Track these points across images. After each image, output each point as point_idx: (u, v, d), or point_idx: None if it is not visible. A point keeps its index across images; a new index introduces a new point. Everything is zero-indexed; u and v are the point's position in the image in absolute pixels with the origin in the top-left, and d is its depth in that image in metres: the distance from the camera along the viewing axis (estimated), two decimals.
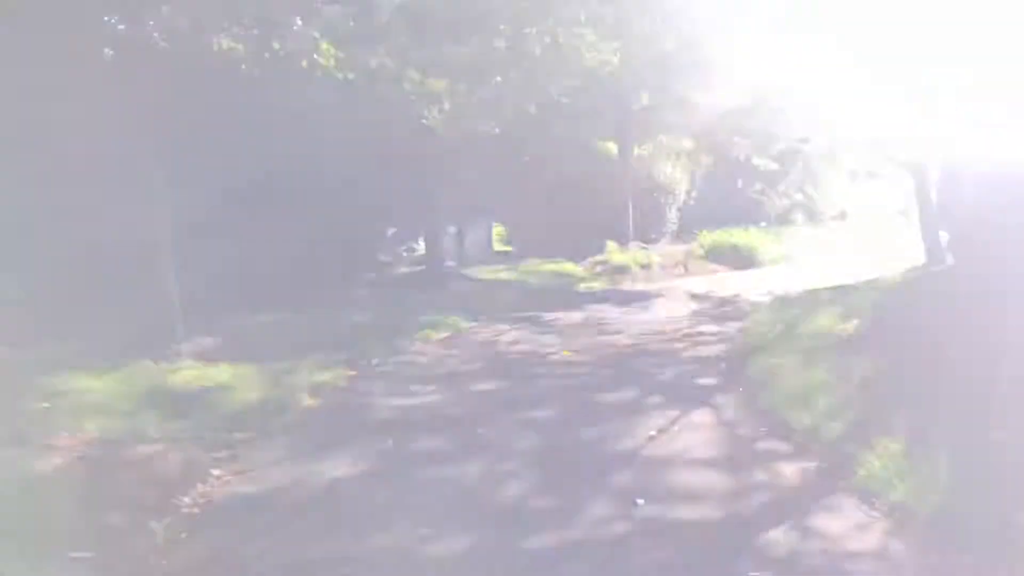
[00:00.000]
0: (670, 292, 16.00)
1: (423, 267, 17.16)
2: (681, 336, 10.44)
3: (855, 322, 9.03)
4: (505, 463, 5.35)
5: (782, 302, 12.61)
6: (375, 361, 9.20)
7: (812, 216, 67.65)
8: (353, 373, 8.51)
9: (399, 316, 11.81)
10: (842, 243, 48.19)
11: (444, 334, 11.05)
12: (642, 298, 15.07)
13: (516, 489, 4.91)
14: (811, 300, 12.09)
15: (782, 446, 5.56)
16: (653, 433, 5.90)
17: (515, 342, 10.30)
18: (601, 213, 22.37)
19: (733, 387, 7.37)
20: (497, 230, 43.43)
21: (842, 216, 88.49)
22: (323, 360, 8.79)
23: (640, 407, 6.75)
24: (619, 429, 6.09)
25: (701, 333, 10.65)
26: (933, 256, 14.17)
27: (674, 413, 6.44)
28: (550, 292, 15.90)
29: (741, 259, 22.97)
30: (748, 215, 35.84)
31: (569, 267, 19.12)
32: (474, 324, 12.06)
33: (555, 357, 9.21)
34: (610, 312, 13.00)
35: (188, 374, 7.83)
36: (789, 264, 25.93)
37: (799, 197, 51.07)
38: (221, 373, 7.84)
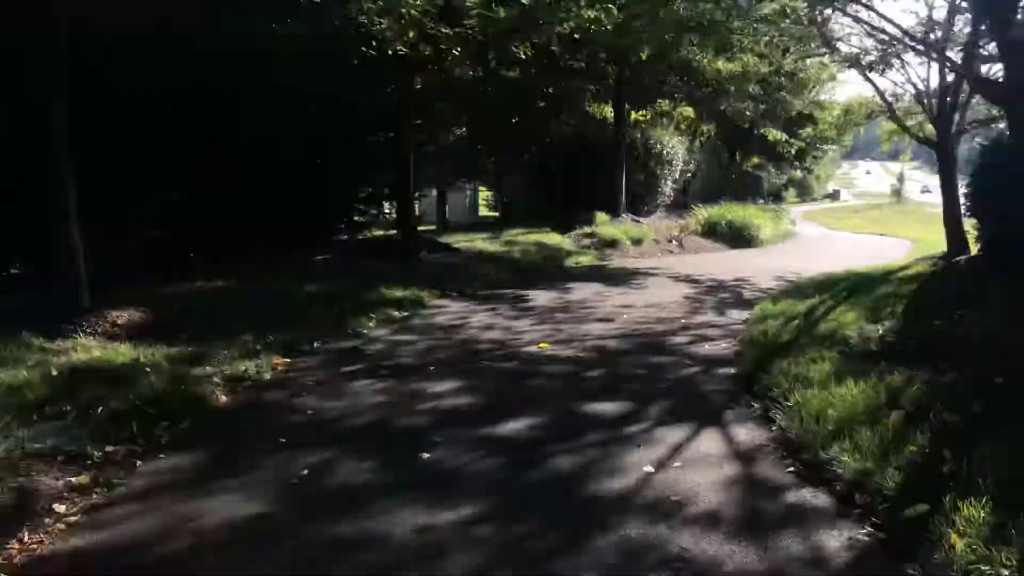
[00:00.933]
0: (664, 271, 14.62)
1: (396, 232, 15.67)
2: (679, 328, 9.04)
3: (889, 323, 7.67)
4: (449, 510, 3.95)
5: (795, 288, 11.25)
6: (317, 345, 7.78)
7: (804, 194, 66.67)
8: (286, 361, 7.08)
9: (360, 288, 10.37)
10: (841, 223, 47.14)
11: (406, 313, 9.63)
12: (634, 277, 13.65)
13: (461, 563, 3.49)
14: (825, 289, 10.73)
15: (820, 499, 4.17)
16: (649, 469, 4.51)
17: (487, 327, 8.87)
18: (592, 181, 20.91)
19: (746, 401, 5.98)
20: (485, 194, 42.04)
21: (834, 196, 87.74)
22: (255, 342, 7.37)
23: (632, 426, 5.35)
24: (605, 459, 4.69)
25: (702, 325, 9.25)
26: (957, 244, 12.84)
27: (676, 437, 5.05)
28: (532, 266, 14.50)
29: (739, 237, 21.67)
30: (747, 190, 34.46)
31: (555, 238, 17.67)
32: (443, 302, 10.64)
33: (532, 349, 7.79)
34: (595, 293, 11.58)
35: (77, 357, 6.36)
36: (789, 243, 24.63)
37: (797, 174, 49.76)
38: (118, 357, 6.38)
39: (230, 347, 7.14)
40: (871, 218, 55.39)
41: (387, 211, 20.51)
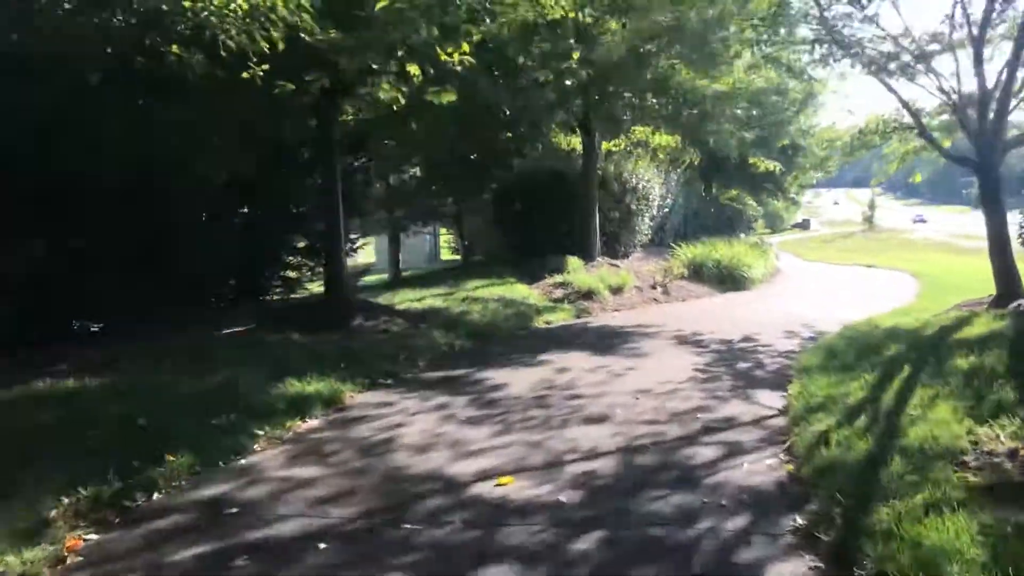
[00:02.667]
0: (656, 329, 12.06)
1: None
2: (700, 429, 6.43)
3: (1011, 424, 5.19)
4: None
5: (829, 355, 8.73)
6: (156, 497, 5.07)
7: (773, 224, 65.09)
8: (88, 541, 4.36)
9: (254, 380, 7.67)
10: (819, 253, 45.33)
11: (314, 422, 6.93)
12: (623, 341, 11.07)
13: None
14: (868, 355, 8.25)
15: None
16: None
17: (423, 445, 6.16)
18: (561, 220, 18.45)
19: None
20: (448, 236, 39.40)
21: (804, 225, 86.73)
22: (54, 500, 4.68)
23: None
24: None
25: (730, 422, 6.65)
26: (1007, 283, 10.47)
27: None
28: (496, 330, 11.86)
29: (727, 278, 19.29)
30: (726, 224, 32.31)
31: (522, 290, 15.10)
32: (371, 396, 7.94)
33: (489, 487, 5.14)
34: (580, 370, 8.94)
35: None
36: (779, 282, 22.32)
37: (778, 205, 47.94)
38: None
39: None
40: (847, 247, 53.89)
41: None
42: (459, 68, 8.75)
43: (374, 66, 9.20)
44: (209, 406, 6.75)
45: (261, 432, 6.37)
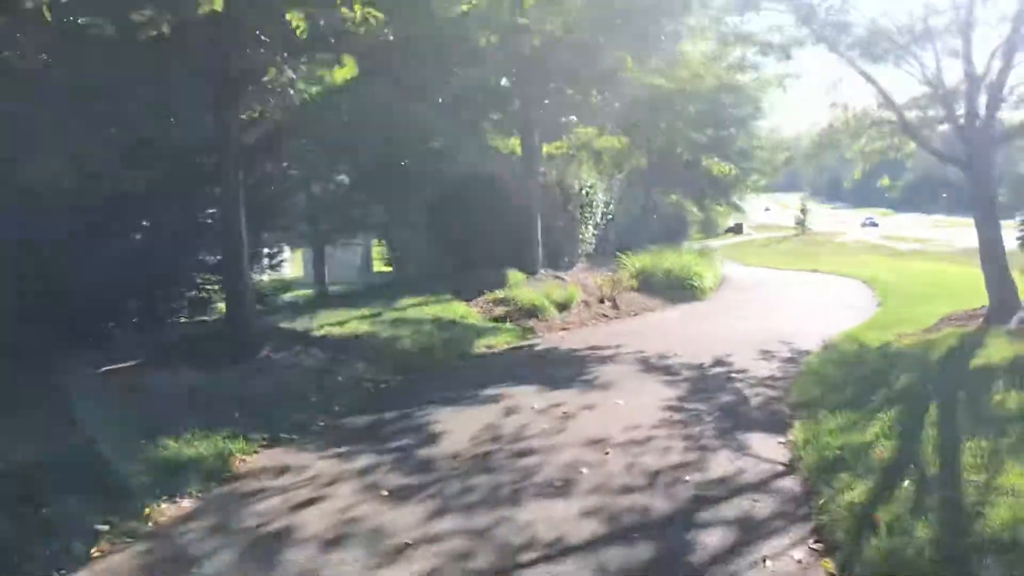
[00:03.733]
0: (615, 351, 10.62)
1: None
2: (691, 497, 4.99)
3: None
4: None
5: (823, 385, 7.42)
6: None
7: (707, 229, 64.99)
8: None
9: (116, 442, 5.92)
10: (758, 258, 44.86)
11: (180, 505, 5.22)
12: (577, 368, 9.55)
13: None
14: (874, 383, 6.98)
15: None
16: None
17: (331, 540, 4.51)
18: (500, 230, 16.94)
19: None
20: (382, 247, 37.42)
21: (737, 230, 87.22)
22: None
23: None
24: None
25: (727, 483, 5.22)
26: (1002, 294, 9.36)
27: None
28: (430, 359, 10.25)
29: (678, 289, 18.04)
30: (670, 231, 31.30)
31: (459, 309, 13.53)
32: (269, 459, 6.23)
33: None
34: (530, 410, 7.41)
35: None
36: (730, 290, 21.22)
37: (720, 210, 47.41)
38: None
39: None
40: (785, 252, 53.78)
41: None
42: (362, 29, 6.99)
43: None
44: (39, 487, 5.00)
45: (105, 527, 4.65)
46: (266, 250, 16.37)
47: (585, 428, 6.72)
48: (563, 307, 14.21)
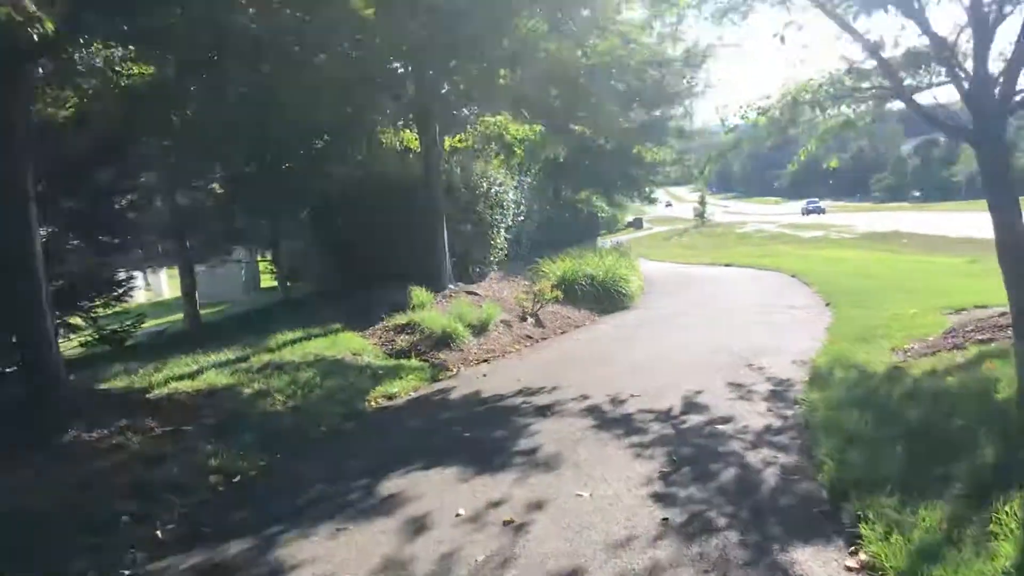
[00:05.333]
0: (552, 397, 8.24)
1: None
2: None
3: None
4: None
5: (865, 454, 5.27)
6: None
7: (609, 225, 63.88)
8: None
9: None
10: (664, 252, 43.72)
11: None
12: (508, 434, 7.08)
13: None
14: (942, 453, 4.89)
15: None
16: None
17: None
18: (400, 239, 14.42)
19: None
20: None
21: (637, 224, 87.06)
22: None
23: None
24: None
25: None
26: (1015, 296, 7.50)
27: None
28: (307, 427, 7.65)
29: (606, 297, 16.00)
30: (584, 229, 29.32)
31: (352, 342, 10.95)
32: None
33: None
34: (452, 526, 4.95)
35: None
36: (655, 293, 19.29)
37: (636, 206, 45.96)
38: None
39: None
40: (691, 245, 53.14)
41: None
42: None
43: None
44: None
45: None
46: (121, 274, 13.42)
47: (545, 556, 4.34)
48: (480, 330, 11.80)
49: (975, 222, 42.29)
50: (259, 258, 34.10)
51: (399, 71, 12.25)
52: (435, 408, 8.17)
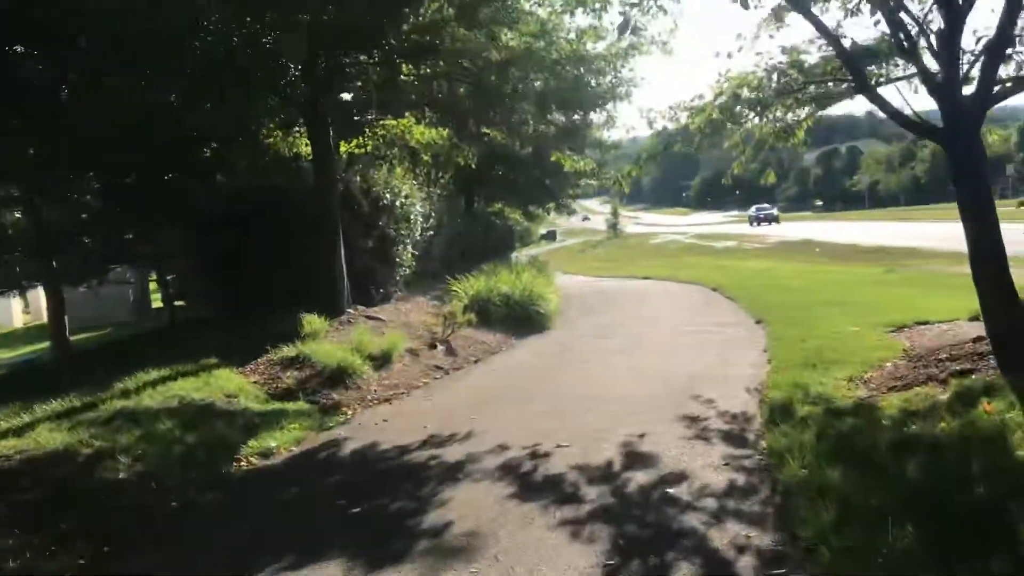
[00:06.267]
0: (465, 450, 6.79)
1: None
2: None
3: None
4: None
5: (864, 529, 4.06)
6: None
7: (522, 238, 63.20)
8: None
9: None
10: (579, 265, 42.97)
11: None
12: (409, 507, 5.56)
13: None
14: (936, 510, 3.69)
15: None
16: None
17: None
18: (293, 259, 12.78)
19: None
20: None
21: (551, 237, 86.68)
22: None
23: None
24: None
25: None
26: (1003, 308, 6.58)
27: None
28: (152, 502, 6.01)
29: (523, 318, 14.70)
30: (499, 244, 28.01)
31: (228, 382, 9.29)
32: None
33: None
34: None
35: None
36: (575, 310, 18.12)
37: (549, 219, 44.88)
38: None
39: None
40: (606, 257, 52.70)
41: None
42: None
43: None
44: None
45: None
46: None
47: None
48: (382, 362, 10.29)
49: (882, 231, 43.32)
50: (151, 278, 31.40)
51: (283, 65, 10.65)
52: (320, 469, 6.63)
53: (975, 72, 6.42)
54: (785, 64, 7.60)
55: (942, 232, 38.34)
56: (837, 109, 8.85)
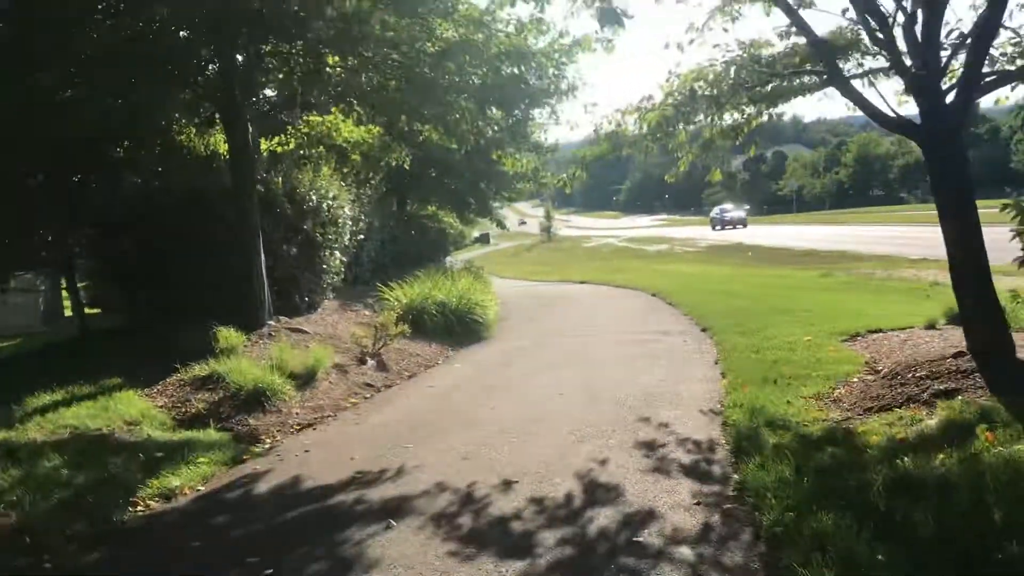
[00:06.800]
0: (397, 482, 5.98)
1: None
2: None
3: None
4: None
5: None
6: None
7: (457, 242, 62.59)
8: None
9: None
10: (514, 269, 42.34)
11: None
12: (327, 556, 4.74)
13: None
14: None
15: None
16: None
17: None
18: (208, 266, 11.70)
19: None
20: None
21: (484, 240, 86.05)
22: None
23: None
24: None
25: None
26: (983, 319, 6.14)
27: None
28: (18, 559, 5.01)
29: (460, 327, 13.95)
30: (433, 248, 27.09)
31: (131, 403, 8.27)
32: None
33: None
34: None
35: None
36: (516, 318, 17.42)
37: (486, 224, 43.90)
38: None
39: None
40: (541, 261, 52.31)
41: None
42: None
43: None
44: None
45: None
46: None
47: None
48: (306, 380, 9.35)
49: (810, 235, 43.93)
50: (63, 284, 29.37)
51: (193, 52, 9.62)
52: (229, 514, 5.70)
53: (956, 64, 5.93)
54: (744, 58, 7.02)
55: (866, 235, 39.19)
56: (786, 108, 8.31)
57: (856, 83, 6.48)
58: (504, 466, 6.14)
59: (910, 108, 6.44)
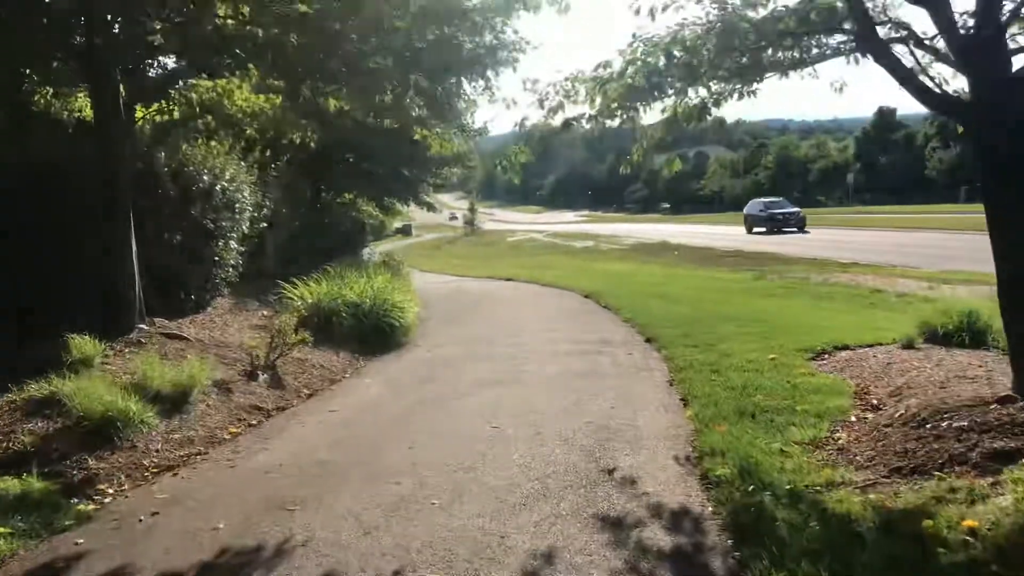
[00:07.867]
0: (268, 560, 4.30)
1: None
2: None
3: None
4: None
5: None
6: None
7: (376, 232, 60.29)
8: None
9: None
10: (436, 262, 40.64)
11: None
12: None
13: None
14: None
15: None
16: None
17: None
18: (66, 256, 9.67)
19: None
20: None
21: (406, 231, 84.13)
22: None
23: None
24: None
25: None
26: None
27: None
28: None
29: (374, 332, 12.23)
30: (348, 240, 25.04)
31: None
32: None
33: None
34: None
35: None
36: (437, 320, 15.75)
37: (406, 212, 41.96)
38: None
39: None
40: (463, 254, 50.74)
41: None
42: None
43: None
44: None
45: None
46: None
47: None
48: (176, 403, 7.49)
49: (734, 235, 43.61)
50: None
51: None
52: None
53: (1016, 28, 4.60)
54: (738, 16, 5.56)
55: (784, 237, 38.95)
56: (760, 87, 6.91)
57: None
58: (423, 546, 4.52)
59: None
